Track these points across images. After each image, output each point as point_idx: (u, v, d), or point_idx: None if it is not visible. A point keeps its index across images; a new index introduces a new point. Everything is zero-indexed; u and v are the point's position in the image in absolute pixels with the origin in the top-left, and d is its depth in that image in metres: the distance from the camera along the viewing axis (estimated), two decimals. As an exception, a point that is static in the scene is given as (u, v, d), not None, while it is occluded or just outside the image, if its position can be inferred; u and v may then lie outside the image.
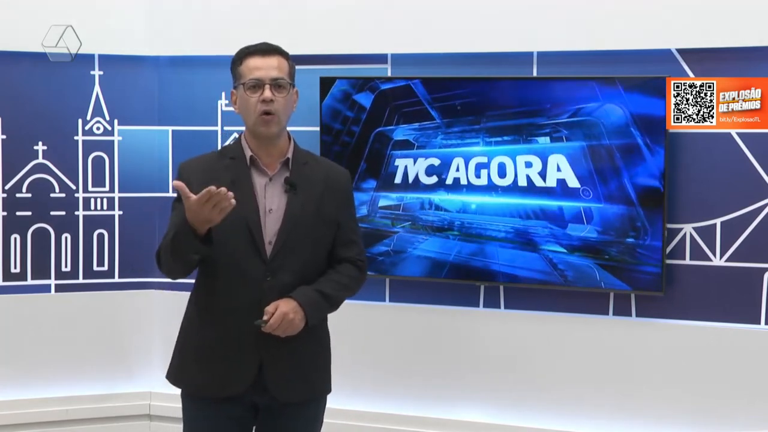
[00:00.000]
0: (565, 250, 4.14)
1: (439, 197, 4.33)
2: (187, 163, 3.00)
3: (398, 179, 4.39)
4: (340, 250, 3.02)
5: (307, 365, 2.97)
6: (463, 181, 4.28)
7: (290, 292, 2.88)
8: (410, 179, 4.37)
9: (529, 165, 4.19)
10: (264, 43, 2.97)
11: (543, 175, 4.16)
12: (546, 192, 4.17)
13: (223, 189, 2.68)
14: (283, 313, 2.82)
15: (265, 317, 2.82)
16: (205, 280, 2.95)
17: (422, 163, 4.35)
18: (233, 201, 2.71)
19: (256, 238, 2.87)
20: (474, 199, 4.27)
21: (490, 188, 4.24)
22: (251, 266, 2.87)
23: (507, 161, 4.22)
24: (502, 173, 4.23)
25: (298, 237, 2.90)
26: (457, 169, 4.29)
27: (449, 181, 4.31)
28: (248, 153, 2.94)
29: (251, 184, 2.92)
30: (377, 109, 4.37)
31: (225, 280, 2.90)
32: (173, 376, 3.02)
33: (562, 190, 4.14)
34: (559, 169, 4.13)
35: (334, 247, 3.01)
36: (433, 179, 4.33)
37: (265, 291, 2.87)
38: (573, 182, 4.12)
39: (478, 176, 4.26)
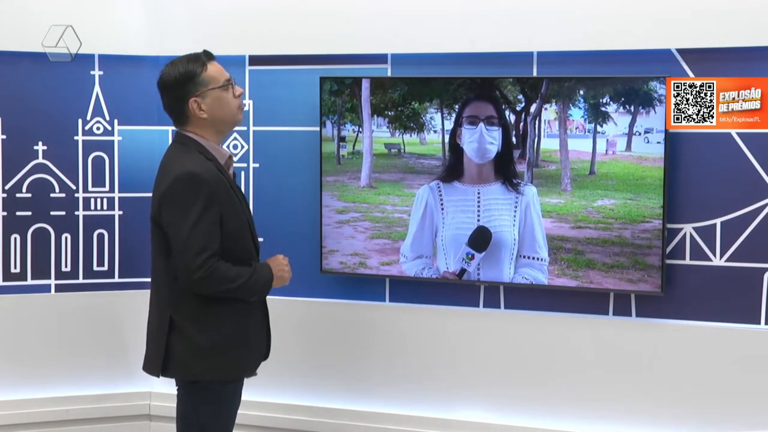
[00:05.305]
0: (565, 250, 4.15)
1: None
2: (202, 173, 3.15)
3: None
4: None
5: None
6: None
7: None
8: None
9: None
10: (204, 50, 3.31)
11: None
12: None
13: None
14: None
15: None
16: None
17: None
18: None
19: (251, 229, 3.33)
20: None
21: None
22: (254, 252, 3.34)
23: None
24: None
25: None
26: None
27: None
28: (224, 154, 3.28)
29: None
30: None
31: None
32: (237, 370, 3.27)
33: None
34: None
35: None
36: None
37: None
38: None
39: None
